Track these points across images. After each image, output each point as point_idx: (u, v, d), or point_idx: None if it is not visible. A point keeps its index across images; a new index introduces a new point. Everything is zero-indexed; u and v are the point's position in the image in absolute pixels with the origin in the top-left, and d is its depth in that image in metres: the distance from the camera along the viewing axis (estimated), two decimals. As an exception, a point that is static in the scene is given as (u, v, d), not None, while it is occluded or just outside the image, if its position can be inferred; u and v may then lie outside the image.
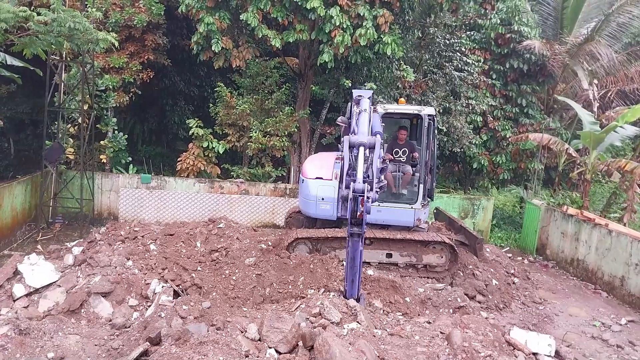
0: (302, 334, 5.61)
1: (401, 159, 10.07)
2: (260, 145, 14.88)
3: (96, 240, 9.68)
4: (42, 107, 12.79)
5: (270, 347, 5.62)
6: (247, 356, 5.36)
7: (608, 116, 15.89)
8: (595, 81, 16.53)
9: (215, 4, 13.22)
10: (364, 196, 5.74)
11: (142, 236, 9.67)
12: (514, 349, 6.56)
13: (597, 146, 13.78)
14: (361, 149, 6.29)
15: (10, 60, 11.44)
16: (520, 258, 13.42)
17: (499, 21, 17.29)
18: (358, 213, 5.81)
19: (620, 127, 13.46)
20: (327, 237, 9.47)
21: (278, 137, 14.92)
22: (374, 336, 6.04)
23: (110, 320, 7.25)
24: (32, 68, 11.74)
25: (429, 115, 9.83)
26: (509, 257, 12.46)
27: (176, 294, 7.88)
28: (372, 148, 6.36)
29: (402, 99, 10.24)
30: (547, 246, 13.40)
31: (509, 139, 17.23)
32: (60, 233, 12.48)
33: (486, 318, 8.48)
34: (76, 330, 6.74)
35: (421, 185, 9.63)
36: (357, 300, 6.93)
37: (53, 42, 9.74)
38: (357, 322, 6.22)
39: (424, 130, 9.66)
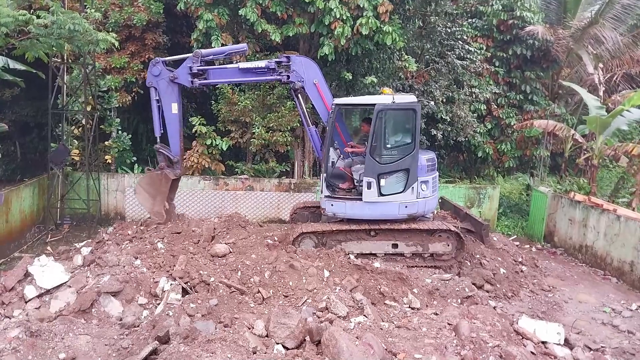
0: (309, 329, 5.63)
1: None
2: (264, 141, 14.88)
3: (104, 240, 9.75)
4: (46, 110, 12.85)
5: (277, 343, 5.65)
6: (254, 352, 5.39)
7: (614, 100, 15.73)
8: (601, 65, 16.36)
9: (213, 0, 13.18)
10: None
11: (150, 235, 9.73)
12: (523, 338, 6.56)
13: (604, 131, 13.66)
14: None
15: (13, 64, 11.48)
16: (528, 246, 13.36)
17: (500, 7, 17.13)
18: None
19: (627, 110, 13.32)
20: (332, 231, 9.48)
21: (281, 133, 14.89)
22: (381, 329, 6.06)
23: (121, 319, 7.31)
24: (34, 71, 11.80)
25: (385, 104, 9.09)
26: (517, 245, 12.41)
27: (185, 291, 7.92)
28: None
29: (386, 89, 9.99)
30: (555, 233, 13.33)
31: (514, 127, 17.11)
32: (69, 234, 12.60)
33: (494, 307, 8.50)
34: (86, 331, 6.80)
35: (322, 176, 9.67)
36: None
37: (54, 45, 9.78)
38: (364, 315, 6.24)
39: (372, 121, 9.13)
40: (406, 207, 9.44)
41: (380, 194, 9.26)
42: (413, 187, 9.39)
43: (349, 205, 9.43)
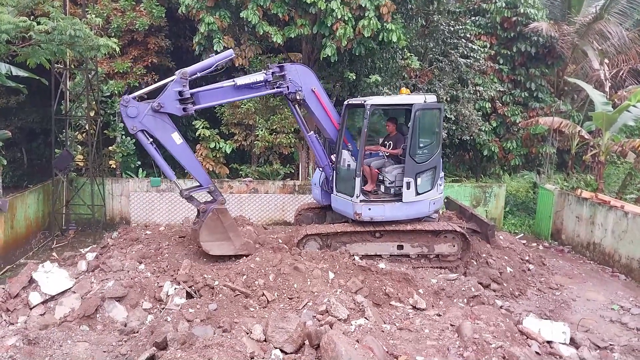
0: (308, 333, 5.57)
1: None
2: (267, 143, 14.87)
3: (109, 245, 9.76)
4: (51, 116, 12.92)
5: (275, 348, 5.59)
6: (252, 358, 5.34)
7: (620, 96, 15.58)
8: (606, 60, 16.21)
9: (215, 3, 13.20)
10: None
11: (154, 239, 9.72)
12: (527, 338, 6.46)
13: (610, 127, 13.53)
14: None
15: (15, 71, 11.53)
16: (535, 244, 13.23)
17: (504, 4, 16.99)
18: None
19: (633, 106, 13.20)
20: (336, 232, 9.43)
21: (285, 134, 14.88)
22: (382, 331, 5.99)
23: (126, 325, 7.30)
24: (37, 77, 11.85)
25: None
26: (524, 244, 12.28)
27: (189, 295, 7.91)
28: None
29: (404, 89, 9.95)
30: (562, 231, 13.19)
31: (519, 124, 16.98)
32: (74, 240, 12.65)
33: (501, 307, 8.42)
34: (85, 338, 6.77)
35: (357, 180, 9.11)
36: None
37: (55, 51, 9.79)
38: (365, 317, 6.17)
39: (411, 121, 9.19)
40: (434, 203, 9.75)
41: (417, 193, 9.35)
42: (438, 185, 9.71)
43: (388, 208, 9.33)
